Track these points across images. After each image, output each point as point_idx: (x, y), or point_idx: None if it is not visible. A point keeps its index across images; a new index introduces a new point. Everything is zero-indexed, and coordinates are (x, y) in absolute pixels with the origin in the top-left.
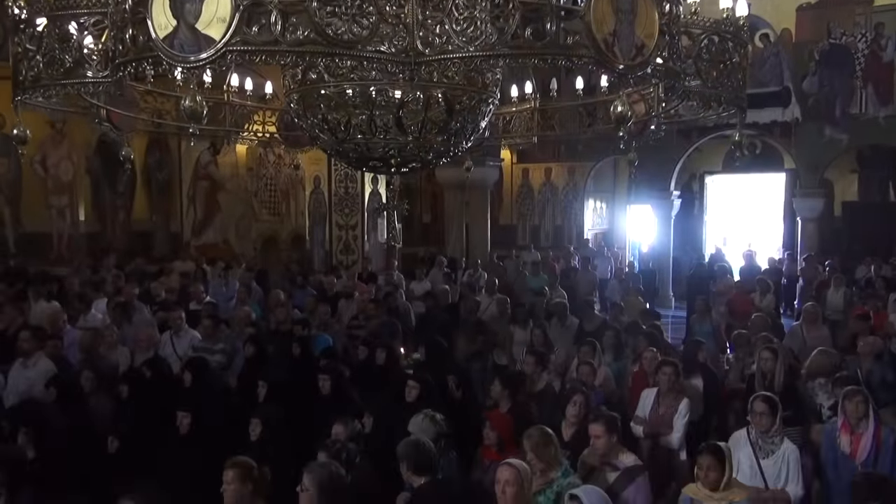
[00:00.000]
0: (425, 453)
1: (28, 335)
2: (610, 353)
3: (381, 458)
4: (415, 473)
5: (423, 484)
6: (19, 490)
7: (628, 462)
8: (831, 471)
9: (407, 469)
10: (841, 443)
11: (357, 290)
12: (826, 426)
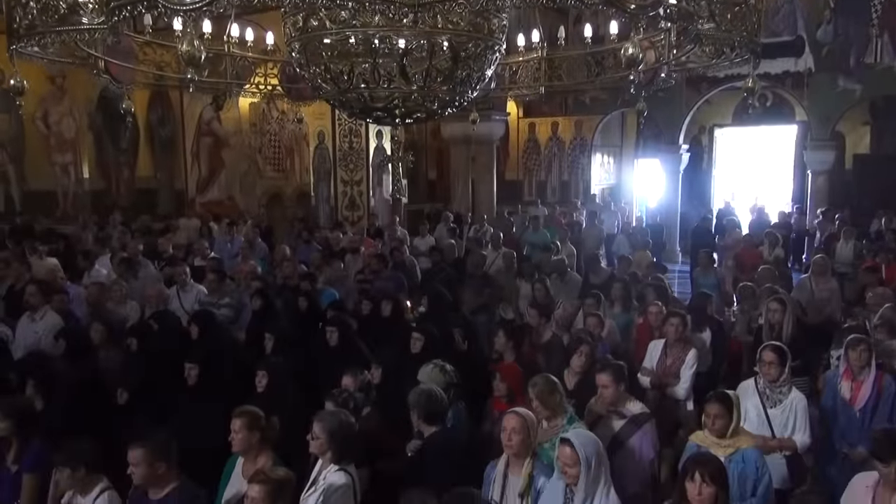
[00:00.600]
0: (436, 402)
1: (34, 289)
2: (619, 304)
3: (389, 409)
4: (425, 422)
5: (434, 432)
6: (29, 440)
7: (635, 410)
8: (831, 416)
9: (418, 417)
10: (842, 389)
11: (364, 245)
12: (828, 373)
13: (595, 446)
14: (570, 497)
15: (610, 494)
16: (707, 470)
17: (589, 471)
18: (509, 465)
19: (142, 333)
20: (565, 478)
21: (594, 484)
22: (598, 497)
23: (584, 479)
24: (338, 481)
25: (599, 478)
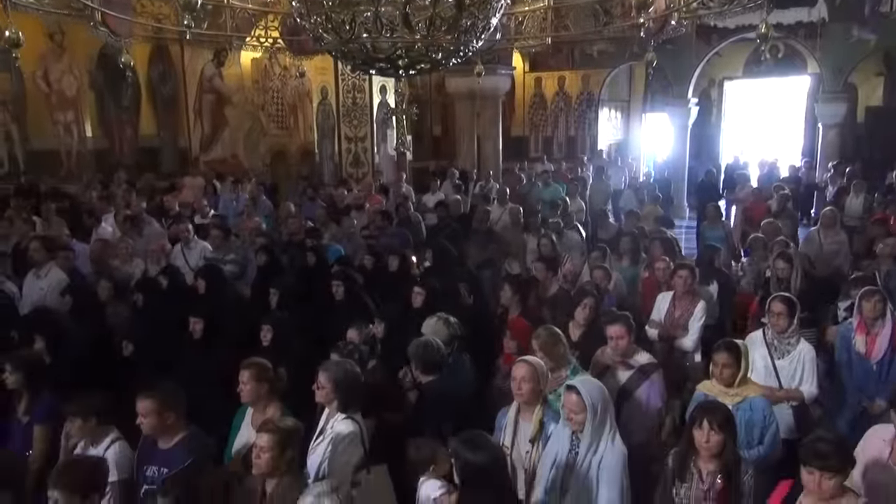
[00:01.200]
0: (433, 352)
1: (38, 245)
2: (627, 258)
3: (393, 362)
4: (423, 372)
5: (430, 381)
6: (39, 393)
7: (643, 360)
8: (845, 371)
9: (416, 368)
10: (856, 343)
11: (371, 201)
12: (841, 327)
13: (601, 393)
14: (576, 443)
15: (615, 440)
16: (715, 418)
17: (595, 417)
18: (520, 412)
19: (147, 289)
20: (571, 424)
21: (599, 430)
22: (604, 443)
23: (589, 425)
24: (345, 430)
25: (605, 424)
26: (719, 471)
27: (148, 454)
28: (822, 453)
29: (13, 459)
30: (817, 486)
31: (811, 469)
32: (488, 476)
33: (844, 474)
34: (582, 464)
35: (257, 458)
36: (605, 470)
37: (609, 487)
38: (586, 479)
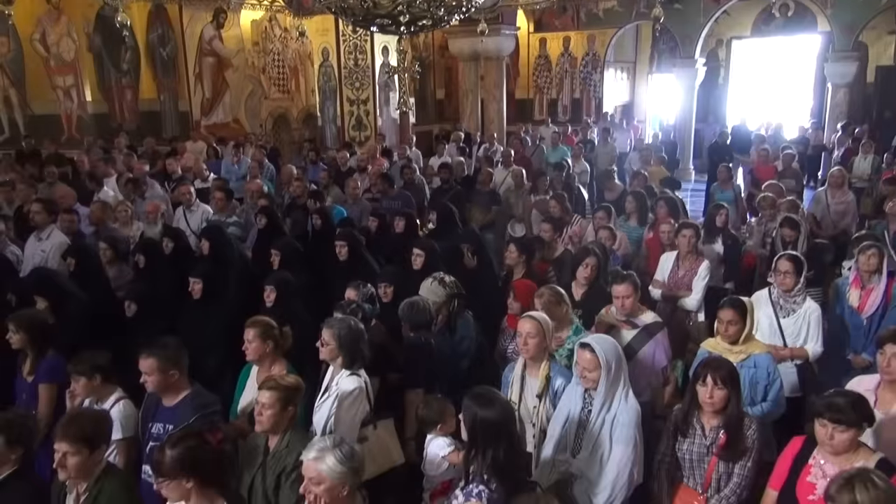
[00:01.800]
0: (420, 312)
1: (39, 207)
2: (634, 218)
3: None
4: (412, 331)
5: (410, 338)
6: (43, 352)
7: (647, 320)
8: (838, 324)
9: (407, 328)
10: (850, 296)
11: (376, 164)
12: (838, 281)
13: (615, 351)
14: (589, 401)
15: (629, 398)
16: (719, 374)
17: (609, 375)
18: (526, 367)
19: (148, 250)
20: (584, 382)
21: (613, 388)
22: (617, 401)
23: (603, 383)
24: (350, 386)
25: (619, 382)
26: (722, 426)
27: (153, 412)
28: (836, 406)
29: (25, 417)
30: (829, 438)
31: (824, 422)
32: (499, 430)
33: (858, 430)
34: (595, 421)
35: (259, 415)
36: (619, 427)
37: (622, 444)
38: (599, 437)
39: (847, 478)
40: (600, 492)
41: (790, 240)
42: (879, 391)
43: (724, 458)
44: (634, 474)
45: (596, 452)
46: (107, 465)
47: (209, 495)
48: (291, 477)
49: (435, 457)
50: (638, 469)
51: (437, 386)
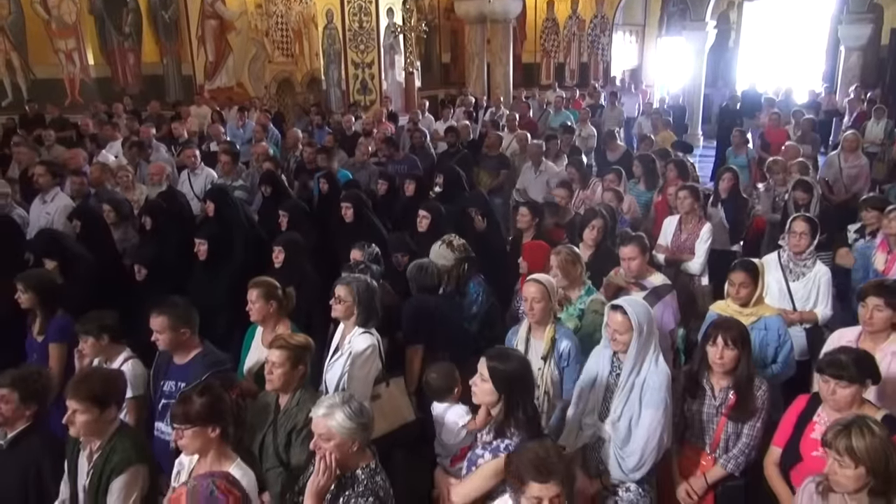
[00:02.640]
0: (428, 275)
1: (42, 169)
2: (643, 182)
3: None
4: (418, 292)
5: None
6: (52, 312)
7: (656, 282)
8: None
9: (414, 289)
10: (876, 260)
11: (381, 128)
12: (860, 244)
13: (647, 314)
14: (618, 365)
15: (659, 362)
16: (729, 334)
17: (640, 338)
18: (531, 330)
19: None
20: (614, 345)
21: (643, 351)
22: (647, 365)
23: (634, 346)
24: (363, 344)
25: (649, 346)
26: (732, 387)
27: (165, 370)
28: (837, 362)
29: (39, 373)
30: (831, 393)
31: (826, 378)
32: (527, 383)
33: (861, 386)
34: (624, 386)
35: (269, 374)
36: (649, 391)
37: (652, 408)
38: (629, 401)
39: (844, 424)
40: (629, 455)
41: (803, 203)
42: (860, 342)
43: (732, 418)
44: (664, 438)
45: (625, 416)
46: (120, 424)
47: (226, 450)
48: (302, 434)
49: (454, 425)
50: (668, 433)
51: (440, 346)
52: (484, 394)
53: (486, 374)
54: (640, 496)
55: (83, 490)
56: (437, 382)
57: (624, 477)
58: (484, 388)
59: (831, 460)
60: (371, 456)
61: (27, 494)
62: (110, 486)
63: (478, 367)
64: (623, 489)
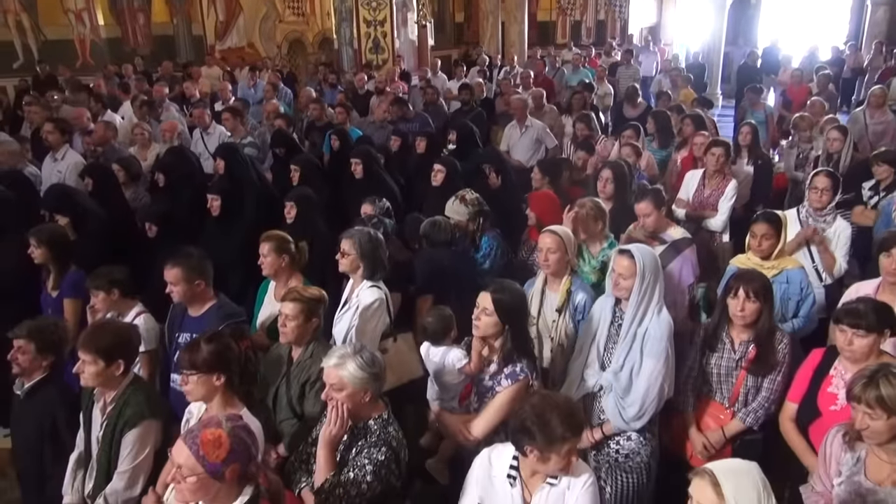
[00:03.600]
0: (441, 231)
1: (51, 127)
2: (657, 139)
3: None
4: (431, 248)
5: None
6: (66, 267)
7: (676, 235)
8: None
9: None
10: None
11: (393, 87)
12: (883, 202)
13: (653, 262)
14: (620, 316)
15: (661, 313)
16: (751, 286)
17: (643, 283)
18: (547, 282)
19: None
20: (616, 291)
21: (646, 301)
22: (650, 315)
23: (636, 292)
24: (371, 297)
25: (652, 295)
26: (752, 340)
27: (180, 322)
28: (855, 312)
29: (55, 325)
30: (848, 344)
31: (843, 327)
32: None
33: (879, 335)
34: (626, 336)
35: (283, 327)
36: (650, 340)
37: (653, 358)
38: (630, 351)
39: (869, 375)
40: (630, 405)
41: (835, 148)
42: (879, 294)
43: (753, 372)
44: (665, 388)
45: (627, 366)
46: (134, 377)
47: (231, 399)
48: (316, 386)
49: (452, 367)
50: (669, 383)
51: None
52: (488, 326)
53: (491, 308)
54: (640, 445)
55: (97, 441)
56: (432, 326)
57: (625, 426)
58: (488, 322)
59: (860, 415)
60: (383, 407)
61: (43, 444)
62: (123, 439)
63: (478, 303)
64: (624, 438)
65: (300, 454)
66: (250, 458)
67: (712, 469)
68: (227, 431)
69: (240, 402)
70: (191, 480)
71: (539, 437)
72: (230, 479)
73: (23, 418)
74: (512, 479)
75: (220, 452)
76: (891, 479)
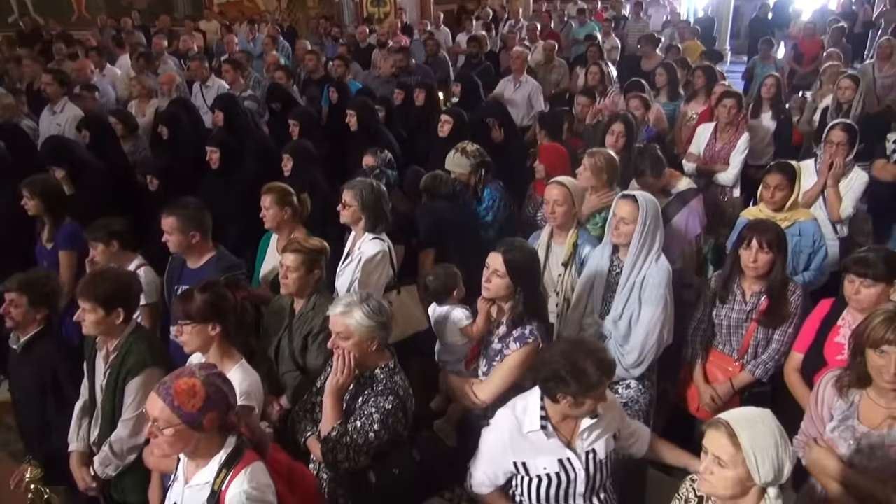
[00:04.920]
0: (443, 184)
1: (49, 78)
2: (664, 93)
3: None
4: (431, 201)
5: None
6: (61, 219)
7: (682, 187)
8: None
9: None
10: None
11: (394, 41)
12: None
13: (655, 209)
14: (618, 264)
15: (660, 261)
16: (765, 237)
17: (643, 229)
18: (553, 235)
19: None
20: (615, 237)
21: (645, 248)
22: (648, 262)
23: (636, 238)
24: (373, 250)
25: (652, 243)
26: (765, 291)
27: (178, 274)
28: (865, 261)
29: (47, 277)
30: (855, 293)
31: (851, 277)
32: (534, 269)
33: (888, 286)
34: (625, 284)
35: (284, 278)
36: (648, 288)
37: (652, 305)
38: (629, 300)
39: (890, 315)
40: (629, 353)
41: (847, 97)
42: None
43: (764, 323)
44: (664, 335)
45: (626, 314)
46: (136, 326)
47: (229, 350)
48: (318, 338)
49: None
50: (668, 329)
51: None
52: (499, 289)
53: (503, 269)
54: (639, 392)
55: (101, 390)
56: (434, 284)
57: (624, 374)
58: (499, 284)
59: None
60: (390, 356)
61: (45, 397)
62: (126, 388)
63: (488, 264)
64: (623, 386)
65: (304, 404)
66: (229, 407)
67: (727, 420)
68: (202, 380)
69: (238, 353)
70: (168, 433)
71: (574, 385)
72: (209, 428)
73: (22, 372)
74: (545, 429)
75: (196, 401)
76: (886, 423)
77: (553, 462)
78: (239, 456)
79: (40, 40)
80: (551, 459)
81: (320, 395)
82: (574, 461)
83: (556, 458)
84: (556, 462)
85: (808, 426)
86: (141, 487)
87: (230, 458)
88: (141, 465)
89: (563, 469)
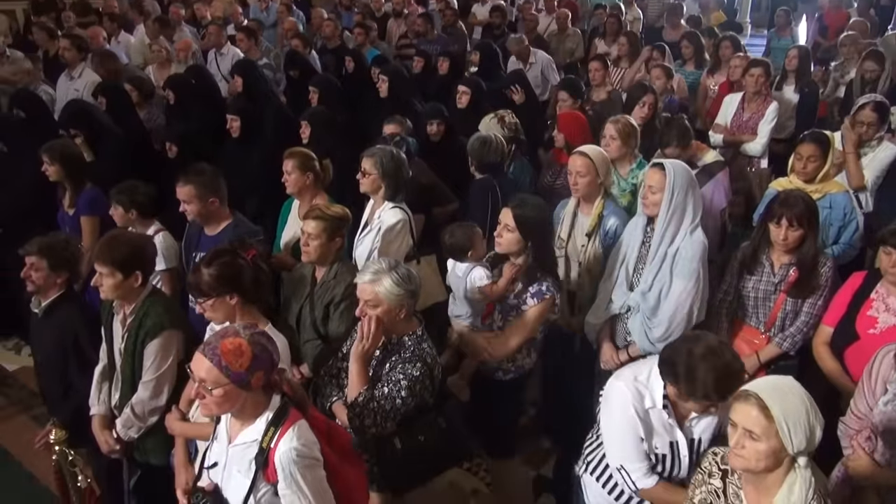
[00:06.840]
0: (494, 150)
1: (67, 43)
2: (690, 62)
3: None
4: (478, 170)
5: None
6: (82, 185)
7: (708, 159)
8: None
9: (475, 166)
10: None
11: (410, 9)
12: None
13: (686, 177)
14: (649, 235)
15: (695, 233)
16: (794, 212)
17: (671, 199)
18: (579, 205)
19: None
20: (645, 207)
21: (677, 218)
22: (682, 234)
23: (665, 208)
24: (393, 219)
25: (683, 214)
26: (795, 263)
27: (196, 241)
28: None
29: (67, 241)
30: (892, 265)
31: (888, 249)
32: (546, 225)
33: None
34: (655, 255)
35: (305, 246)
36: (681, 261)
37: (684, 279)
38: (660, 272)
39: None
40: (656, 326)
41: (871, 77)
42: None
43: (793, 295)
44: (695, 311)
45: (655, 287)
46: (152, 289)
47: (253, 313)
48: (340, 307)
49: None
50: (700, 306)
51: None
52: (510, 243)
53: (513, 224)
54: None
55: (119, 354)
56: (451, 240)
57: (650, 347)
58: (510, 238)
59: None
60: (417, 324)
61: (66, 361)
62: (145, 350)
63: (500, 219)
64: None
65: (330, 369)
66: (273, 366)
67: (756, 391)
68: (247, 339)
69: (264, 318)
70: (217, 392)
71: (683, 384)
72: (256, 388)
73: (43, 336)
74: (666, 408)
75: (244, 361)
76: None
77: (665, 444)
78: (285, 414)
79: (55, 9)
80: (664, 441)
81: (346, 360)
82: (682, 445)
83: (668, 440)
84: (667, 444)
85: (859, 400)
86: (164, 449)
87: (277, 417)
88: (163, 427)
89: (671, 452)
